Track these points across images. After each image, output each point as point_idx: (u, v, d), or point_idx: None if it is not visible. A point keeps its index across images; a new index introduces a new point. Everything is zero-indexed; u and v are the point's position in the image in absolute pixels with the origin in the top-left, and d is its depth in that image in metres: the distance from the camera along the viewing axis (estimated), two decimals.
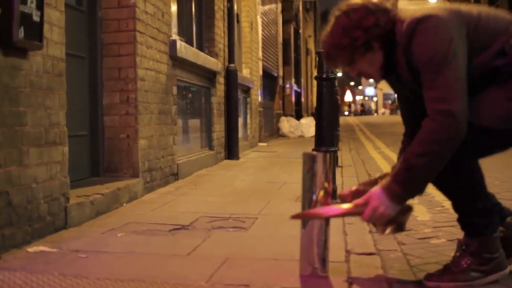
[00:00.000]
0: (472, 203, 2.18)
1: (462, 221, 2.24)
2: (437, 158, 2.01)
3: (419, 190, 2.08)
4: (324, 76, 3.99)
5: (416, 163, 2.01)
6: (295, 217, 2.22)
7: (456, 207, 2.25)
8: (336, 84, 5.61)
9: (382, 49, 2.16)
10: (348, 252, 2.56)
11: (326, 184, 2.17)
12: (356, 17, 2.13)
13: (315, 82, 4.12)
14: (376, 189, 2.08)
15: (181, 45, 5.21)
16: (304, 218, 2.20)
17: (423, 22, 2.06)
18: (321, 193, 2.16)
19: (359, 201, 2.12)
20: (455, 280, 2.16)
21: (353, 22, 2.13)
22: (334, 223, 2.36)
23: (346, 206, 2.17)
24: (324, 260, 2.19)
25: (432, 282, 2.17)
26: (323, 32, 2.27)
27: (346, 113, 57.59)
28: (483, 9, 2.19)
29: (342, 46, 2.15)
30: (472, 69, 2.06)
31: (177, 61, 5.24)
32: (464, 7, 2.16)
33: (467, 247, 2.19)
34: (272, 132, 13.32)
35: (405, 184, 2.04)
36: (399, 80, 2.26)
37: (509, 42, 2.07)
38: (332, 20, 2.21)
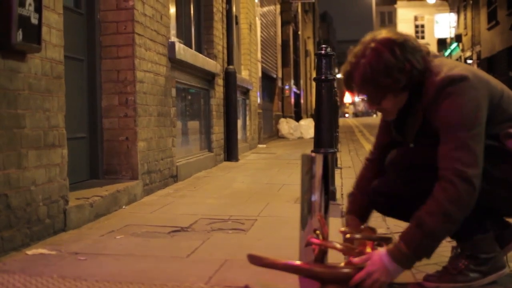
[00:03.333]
0: None
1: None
2: (449, 219, 1.94)
3: (427, 251, 1.98)
4: (323, 77, 3.99)
5: (429, 221, 1.92)
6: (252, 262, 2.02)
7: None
8: (335, 85, 5.62)
9: (409, 91, 2.08)
10: None
11: (317, 232, 2.07)
12: (402, 56, 2.00)
13: (314, 84, 4.12)
14: (379, 252, 1.98)
15: (180, 47, 5.22)
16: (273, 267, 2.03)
17: (457, 83, 1.98)
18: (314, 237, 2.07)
19: (356, 260, 2.00)
20: (454, 281, 2.15)
21: (398, 62, 2.00)
22: (334, 224, 2.35)
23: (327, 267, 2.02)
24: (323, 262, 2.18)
25: (431, 283, 2.17)
26: (351, 58, 2.08)
27: (347, 115, 57.47)
28: (506, 88, 2.15)
29: (380, 85, 2.03)
30: None
31: (176, 63, 5.25)
32: (492, 80, 2.12)
33: (463, 251, 2.18)
34: (271, 133, 13.32)
35: (413, 243, 1.94)
36: (401, 125, 2.21)
37: (506, 131, 2.04)
38: (365, 48, 2.03)
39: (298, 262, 2.05)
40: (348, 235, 2.16)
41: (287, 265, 2.01)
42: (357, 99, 73.68)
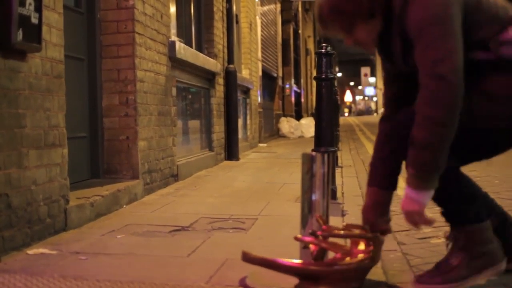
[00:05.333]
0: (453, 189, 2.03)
1: (446, 212, 2.10)
2: (435, 122, 1.83)
3: (434, 164, 1.86)
4: (323, 76, 3.99)
5: (417, 134, 1.85)
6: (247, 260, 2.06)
7: (437, 197, 2.05)
8: (336, 84, 5.62)
9: (381, 15, 2.00)
10: None
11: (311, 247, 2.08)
12: None
13: (314, 82, 4.11)
14: (405, 189, 1.93)
15: (180, 46, 5.21)
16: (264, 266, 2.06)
17: None
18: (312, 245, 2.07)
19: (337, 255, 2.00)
20: (447, 281, 2.02)
21: None
22: (334, 223, 2.35)
23: (298, 261, 2.05)
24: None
25: (422, 285, 2.05)
26: None
27: (346, 114, 57.55)
28: None
29: (344, 11, 1.98)
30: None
31: (176, 62, 5.24)
32: None
33: (456, 242, 2.06)
34: (272, 132, 13.32)
35: (416, 162, 1.87)
36: (389, 56, 2.13)
37: (495, 38, 1.93)
38: None
39: (288, 260, 2.05)
40: (299, 235, 2.11)
41: (277, 263, 2.01)
42: (357, 98, 73.72)
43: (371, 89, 71.99)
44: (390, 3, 1.97)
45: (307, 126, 13.82)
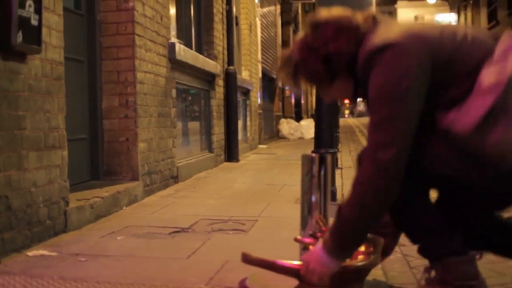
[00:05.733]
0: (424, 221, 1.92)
1: (421, 246, 1.96)
2: (365, 207, 1.74)
3: (352, 243, 1.81)
4: None
5: (344, 210, 1.77)
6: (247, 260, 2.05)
7: (408, 231, 1.98)
8: None
9: (346, 77, 1.89)
10: None
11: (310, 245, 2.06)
12: (318, 44, 1.86)
13: None
14: (319, 242, 1.85)
15: (180, 48, 5.22)
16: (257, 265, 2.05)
17: (382, 51, 1.75)
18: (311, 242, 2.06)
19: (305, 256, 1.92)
20: None
21: (311, 52, 1.86)
22: None
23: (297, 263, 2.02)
24: None
25: None
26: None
27: (346, 115, 57.52)
28: (461, 33, 1.82)
29: (304, 78, 1.94)
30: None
31: (176, 64, 5.25)
32: (440, 31, 1.82)
33: (436, 275, 1.91)
34: (272, 134, 13.32)
35: (336, 233, 1.79)
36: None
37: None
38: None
39: (287, 262, 2.05)
40: (299, 237, 2.11)
41: (277, 265, 2.02)
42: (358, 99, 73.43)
43: None
44: (353, 66, 1.86)
45: (307, 127, 13.82)
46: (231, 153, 7.40)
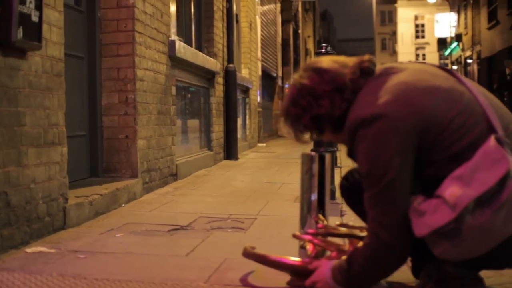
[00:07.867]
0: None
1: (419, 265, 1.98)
2: (373, 273, 1.83)
3: (359, 286, 1.85)
4: None
5: (354, 269, 1.80)
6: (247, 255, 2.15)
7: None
8: None
9: (341, 129, 1.87)
10: None
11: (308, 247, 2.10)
12: (304, 103, 1.88)
13: None
14: (326, 264, 1.90)
15: (180, 45, 5.21)
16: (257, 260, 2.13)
17: (368, 124, 1.71)
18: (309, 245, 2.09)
19: (313, 263, 1.96)
20: None
21: (299, 111, 1.91)
22: (334, 223, 2.35)
23: (296, 259, 2.07)
24: None
25: None
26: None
27: None
28: (460, 108, 1.72)
29: (293, 129, 1.99)
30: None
31: (176, 62, 5.24)
32: (436, 97, 1.73)
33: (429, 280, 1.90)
34: (271, 132, 13.32)
35: (345, 275, 1.83)
36: None
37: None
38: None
39: (286, 258, 2.05)
40: (297, 233, 2.13)
41: (275, 261, 2.04)
42: None
43: None
44: (343, 121, 1.84)
45: None
46: (230, 151, 7.41)
